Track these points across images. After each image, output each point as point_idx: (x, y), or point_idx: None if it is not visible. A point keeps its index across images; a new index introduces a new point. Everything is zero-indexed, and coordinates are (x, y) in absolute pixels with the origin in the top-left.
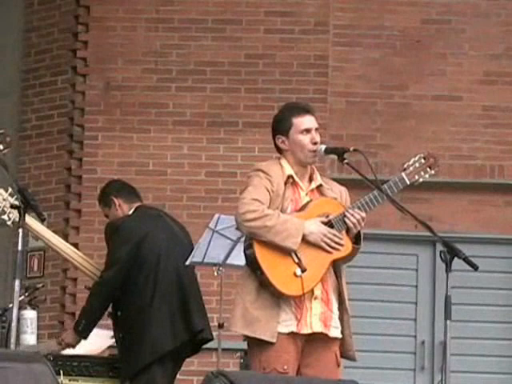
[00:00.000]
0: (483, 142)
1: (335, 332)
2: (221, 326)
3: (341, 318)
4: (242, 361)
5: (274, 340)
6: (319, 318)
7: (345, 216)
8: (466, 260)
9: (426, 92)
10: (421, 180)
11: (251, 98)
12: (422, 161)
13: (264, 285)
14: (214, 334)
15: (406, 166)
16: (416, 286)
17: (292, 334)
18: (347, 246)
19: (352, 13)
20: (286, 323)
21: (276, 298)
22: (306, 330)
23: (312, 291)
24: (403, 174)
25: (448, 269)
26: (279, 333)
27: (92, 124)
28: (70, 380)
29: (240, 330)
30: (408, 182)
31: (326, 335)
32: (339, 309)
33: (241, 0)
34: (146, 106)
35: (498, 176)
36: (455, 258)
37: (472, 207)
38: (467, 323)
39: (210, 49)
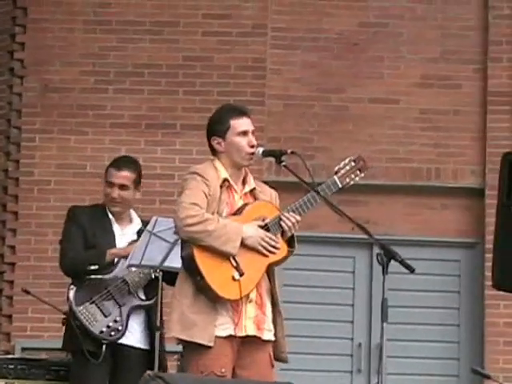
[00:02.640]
0: (420, 145)
1: (268, 335)
2: (158, 328)
3: (274, 321)
4: (179, 363)
5: (211, 344)
6: (253, 321)
7: (280, 219)
8: (403, 262)
9: (363, 95)
10: (351, 183)
11: (189, 100)
12: (352, 164)
13: (201, 289)
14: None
15: (337, 168)
16: (353, 289)
17: (229, 338)
18: (283, 249)
19: (290, 16)
20: (224, 326)
21: (213, 301)
22: (240, 333)
23: (247, 295)
24: (335, 178)
25: (385, 271)
26: (217, 336)
27: (29, 126)
28: (6, 383)
29: (178, 335)
30: (340, 186)
31: (260, 338)
32: (272, 311)
33: (178, 2)
34: (84, 107)
35: (434, 179)
36: (392, 261)
37: (409, 210)
38: (404, 325)
39: (148, 51)
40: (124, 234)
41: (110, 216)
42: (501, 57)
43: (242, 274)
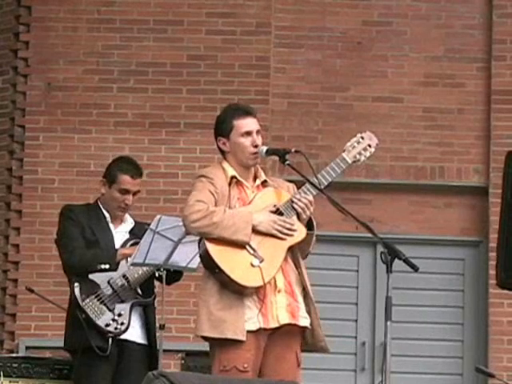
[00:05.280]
0: (424, 144)
1: (304, 321)
2: (162, 327)
3: (308, 310)
4: (183, 362)
5: (243, 338)
6: (285, 309)
7: (292, 202)
8: (407, 261)
9: (367, 93)
10: (363, 159)
11: (193, 98)
12: (361, 140)
13: (224, 283)
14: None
15: (345, 147)
16: (357, 287)
17: (258, 332)
18: (301, 230)
19: (293, 14)
20: (253, 320)
21: (239, 294)
22: (273, 324)
23: (275, 284)
24: (344, 154)
25: (388, 270)
26: (247, 331)
27: (33, 124)
28: (10, 381)
29: (208, 334)
30: (350, 162)
31: (295, 325)
32: (304, 301)
33: (182, 1)
34: (88, 106)
35: (438, 177)
36: (396, 259)
37: (412, 208)
38: (408, 324)
39: (152, 49)
40: (118, 232)
41: (106, 215)
42: (505, 55)
43: (261, 261)
